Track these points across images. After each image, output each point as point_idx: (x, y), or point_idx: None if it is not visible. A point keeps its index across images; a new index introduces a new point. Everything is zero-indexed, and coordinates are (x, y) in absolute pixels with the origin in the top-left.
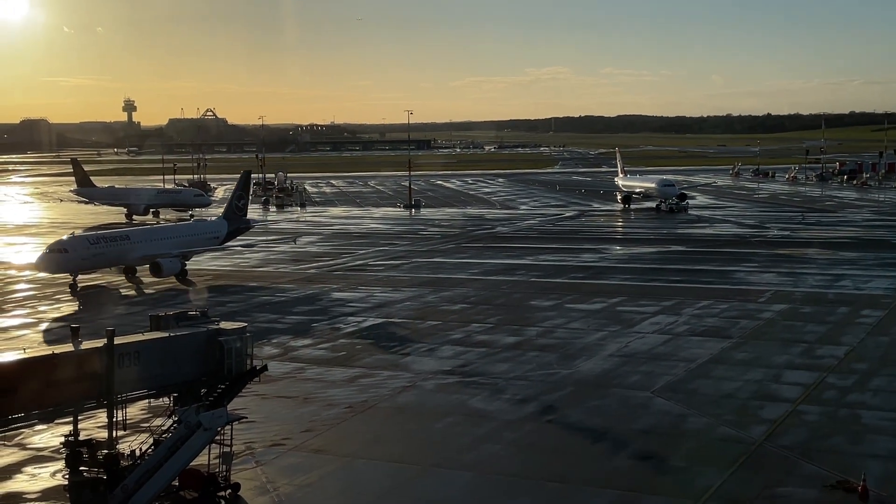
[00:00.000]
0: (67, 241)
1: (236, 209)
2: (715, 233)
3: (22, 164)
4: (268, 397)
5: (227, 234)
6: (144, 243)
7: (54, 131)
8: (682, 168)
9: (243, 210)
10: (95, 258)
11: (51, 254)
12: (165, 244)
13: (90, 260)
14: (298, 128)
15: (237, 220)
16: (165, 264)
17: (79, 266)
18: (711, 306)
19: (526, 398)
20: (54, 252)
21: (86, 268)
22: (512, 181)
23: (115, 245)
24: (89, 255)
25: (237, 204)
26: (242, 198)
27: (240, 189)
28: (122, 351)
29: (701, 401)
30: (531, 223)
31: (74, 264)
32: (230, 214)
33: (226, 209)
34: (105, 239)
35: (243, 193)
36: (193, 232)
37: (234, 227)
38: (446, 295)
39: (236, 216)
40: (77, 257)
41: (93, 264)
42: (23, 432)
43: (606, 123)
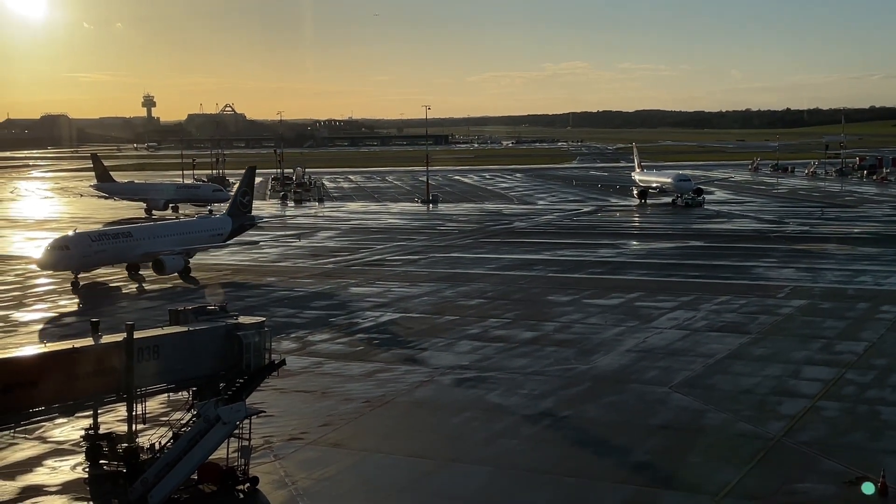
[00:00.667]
0: (69, 238)
1: (241, 206)
2: (734, 228)
3: (42, 160)
4: (286, 391)
5: (231, 231)
6: (147, 240)
7: (74, 127)
8: (700, 163)
9: (248, 206)
10: (98, 255)
11: (53, 251)
12: (169, 241)
13: (92, 257)
14: (316, 123)
15: (242, 217)
16: (168, 262)
17: (81, 263)
18: (730, 302)
19: (543, 393)
20: (56, 249)
21: (88, 265)
22: (529, 176)
23: (118, 242)
24: (91, 252)
25: (241, 200)
26: (247, 194)
27: (244, 185)
28: (142, 345)
29: (719, 396)
30: (549, 218)
31: (77, 261)
32: (235, 211)
33: (230, 206)
34: (107, 236)
35: (248, 190)
36: (197, 229)
37: (238, 223)
38: (464, 290)
39: (241, 213)
40: (79, 254)
41: (95, 262)
42: (43, 426)
43: (624, 118)
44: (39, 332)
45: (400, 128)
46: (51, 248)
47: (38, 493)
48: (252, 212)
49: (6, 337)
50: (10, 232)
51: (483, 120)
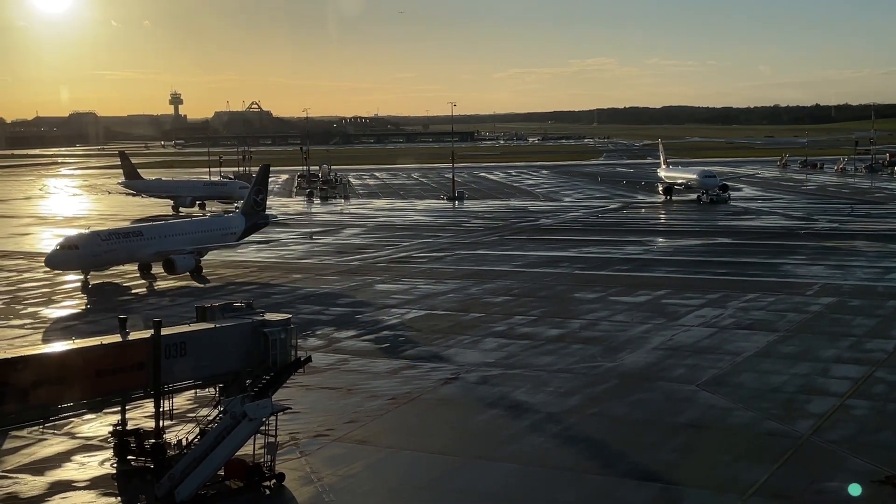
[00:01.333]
0: (79, 237)
1: (255, 204)
2: (762, 225)
3: (71, 157)
4: (312, 388)
5: (245, 230)
6: (158, 239)
7: (102, 124)
8: (728, 159)
9: (262, 205)
10: (108, 255)
11: (62, 250)
12: (180, 240)
13: (102, 257)
14: (342, 120)
15: (255, 216)
16: (179, 261)
17: (91, 263)
18: (758, 299)
19: (569, 391)
20: (65, 249)
21: (98, 265)
22: (556, 173)
23: (128, 241)
24: (101, 251)
25: (255, 199)
26: (261, 192)
27: (258, 184)
28: (169, 342)
29: (747, 395)
30: (575, 215)
31: (86, 261)
32: (248, 210)
33: (244, 204)
34: (117, 235)
35: (262, 188)
36: (210, 228)
37: (252, 222)
38: (489, 287)
39: (255, 211)
40: (89, 254)
41: (105, 261)
42: (72, 421)
43: (651, 115)
44: (68, 328)
45: (426, 125)
46: (60, 248)
47: (67, 488)
48: (266, 210)
49: (35, 333)
50: (39, 229)
51: (509, 116)
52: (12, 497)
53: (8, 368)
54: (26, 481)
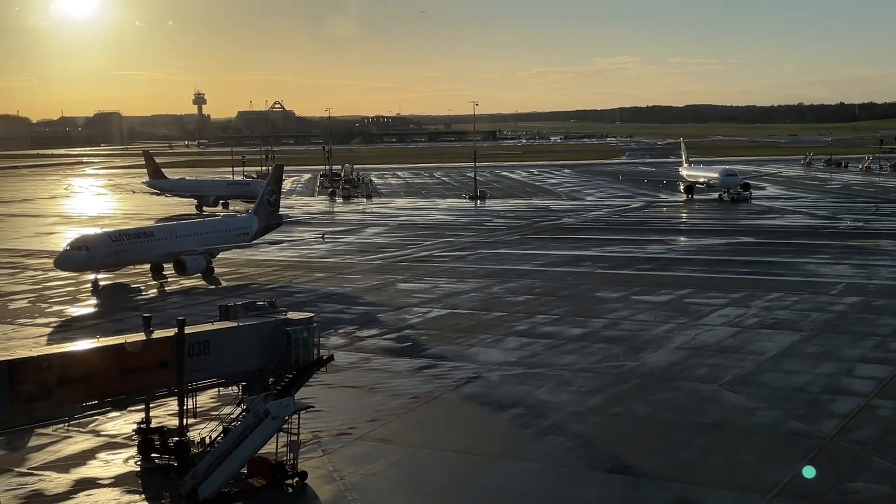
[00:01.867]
0: (88, 238)
1: (268, 204)
2: (786, 224)
3: (95, 157)
4: (334, 387)
5: (257, 231)
6: (169, 240)
7: (126, 124)
8: (752, 158)
9: (275, 205)
10: (118, 256)
11: (71, 251)
12: (191, 241)
13: (112, 258)
14: (365, 119)
15: (269, 216)
16: (190, 262)
17: (100, 264)
18: (781, 299)
19: (591, 390)
20: (74, 250)
21: (108, 266)
22: (578, 172)
23: (139, 242)
24: (111, 252)
25: (269, 199)
26: (274, 192)
27: (272, 184)
28: (193, 340)
29: (770, 394)
30: (597, 214)
31: (96, 262)
32: (261, 210)
33: (257, 204)
34: (128, 236)
35: (275, 188)
36: (222, 228)
37: (265, 222)
38: (511, 286)
39: (268, 212)
40: (98, 255)
41: (115, 262)
42: (96, 419)
43: (674, 113)
44: (92, 327)
45: (448, 124)
46: (70, 249)
47: (92, 485)
48: (279, 210)
49: (60, 332)
50: (65, 228)
51: (531, 115)
52: (38, 494)
53: (34, 367)
54: (51, 478)
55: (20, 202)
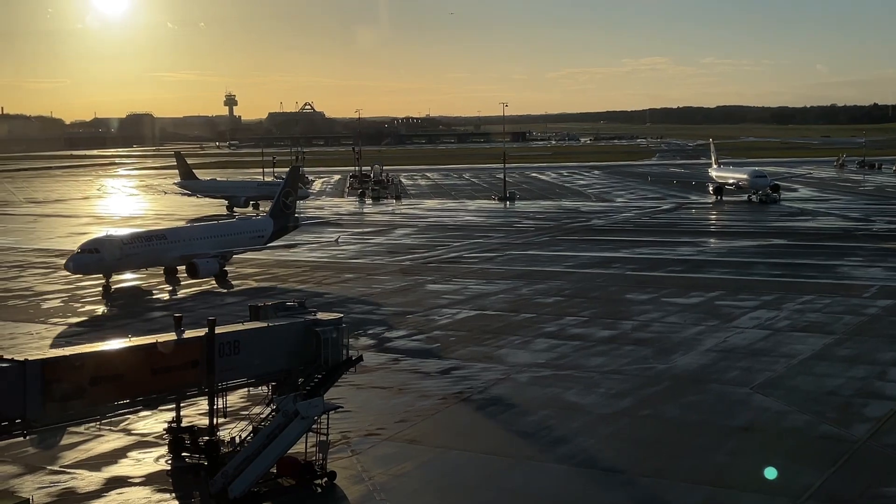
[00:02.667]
0: (99, 240)
1: (284, 207)
2: (818, 226)
3: (128, 158)
4: (363, 387)
5: (272, 233)
6: (181, 243)
7: (158, 125)
8: (784, 160)
9: (291, 207)
10: (129, 259)
11: (81, 254)
12: (204, 244)
13: (123, 261)
14: (394, 120)
15: (284, 219)
16: (202, 265)
17: (111, 267)
18: (814, 301)
19: (621, 392)
20: (85, 253)
21: (119, 269)
22: (608, 173)
23: (150, 245)
24: (122, 255)
25: (284, 201)
26: (290, 195)
27: (287, 185)
28: (223, 340)
29: (802, 398)
30: (627, 216)
31: (106, 265)
32: (277, 212)
33: (272, 207)
34: (139, 239)
35: (291, 190)
36: (236, 231)
37: (280, 225)
38: (540, 288)
39: (284, 214)
40: (109, 258)
41: (126, 265)
42: (128, 418)
43: (705, 114)
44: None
45: (477, 125)
46: (80, 252)
47: (123, 484)
48: (296, 213)
49: (92, 331)
50: (97, 228)
51: (561, 116)
52: (70, 492)
53: (66, 366)
54: (83, 476)
55: (53, 202)
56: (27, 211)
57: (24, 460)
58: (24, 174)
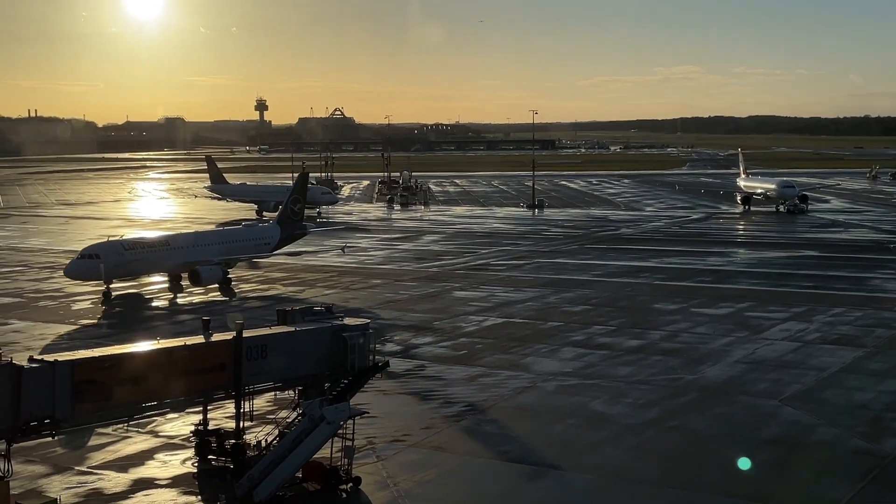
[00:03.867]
0: (100, 246)
1: (291, 214)
2: (850, 238)
3: (160, 161)
4: (389, 393)
5: (279, 241)
6: (185, 249)
7: (189, 129)
8: (816, 170)
9: (299, 215)
10: (130, 265)
11: (81, 260)
12: (208, 251)
13: (124, 267)
14: (424, 127)
15: (292, 226)
16: (205, 272)
17: (112, 273)
18: (845, 314)
19: (648, 403)
20: (85, 258)
21: (120, 275)
22: (637, 182)
23: (153, 251)
24: (123, 261)
25: (292, 208)
26: (298, 202)
27: (295, 192)
28: (250, 343)
29: (832, 411)
30: (656, 225)
31: (107, 271)
32: (284, 219)
33: (279, 214)
34: (141, 245)
35: (299, 197)
36: (241, 238)
37: (287, 232)
38: (568, 296)
39: (291, 221)
40: (110, 264)
41: (127, 271)
42: (155, 420)
43: (737, 124)
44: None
45: (507, 132)
46: (80, 257)
47: (150, 485)
48: (304, 220)
49: (121, 333)
50: (128, 231)
51: (591, 125)
52: (97, 492)
53: (95, 367)
54: (110, 477)
55: (85, 205)
56: (59, 213)
57: (53, 460)
58: (57, 176)
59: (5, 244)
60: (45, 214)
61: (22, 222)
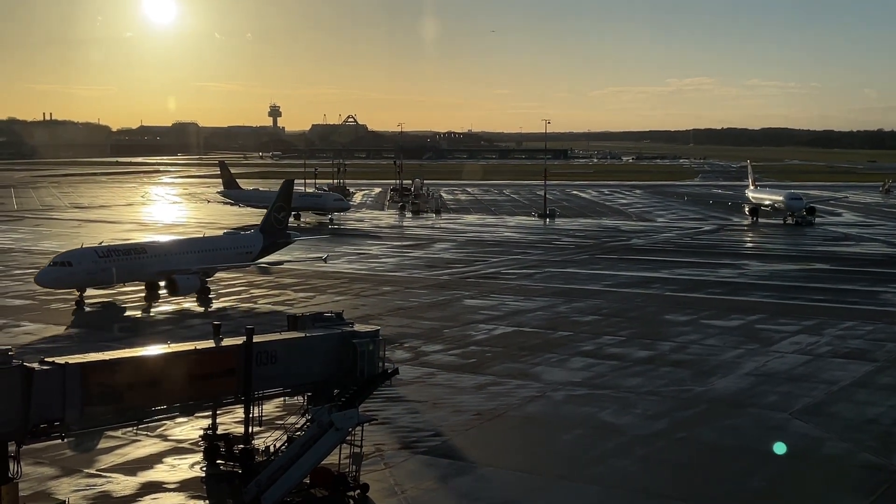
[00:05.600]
0: (72, 253)
1: (275, 222)
2: (862, 251)
3: (172, 166)
4: (398, 401)
5: (262, 249)
6: (161, 257)
7: (203, 135)
8: (828, 184)
9: (283, 223)
10: (104, 273)
11: (53, 267)
12: (186, 259)
13: (98, 275)
14: (436, 135)
15: (275, 234)
16: (181, 281)
17: (84, 281)
18: (856, 327)
19: (657, 414)
20: (57, 266)
21: (93, 283)
22: (649, 193)
23: (128, 259)
24: (97, 269)
25: (276, 216)
26: (283, 209)
27: (279, 200)
28: (260, 349)
29: (841, 425)
30: (668, 236)
31: (79, 279)
32: (268, 227)
33: (263, 222)
34: (116, 252)
35: (284, 205)
36: (221, 246)
37: (270, 241)
38: (578, 306)
39: (275, 229)
40: (82, 271)
41: (101, 279)
42: (164, 424)
43: (750, 136)
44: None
45: (519, 141)
46: (52, 265)
47: (158, 489)
48: (288, 228)
49: (131, 336)
50: (140, 235)
51: (603, 135)
52: (105, 495)
53: (105, 370)
54: (119, 481)
55: (98, 208)
56: (72, 216)
57: (62, 463)
58: (70, 179)
59: (18, 246)
60: (59, 217)
61: (35, 225)
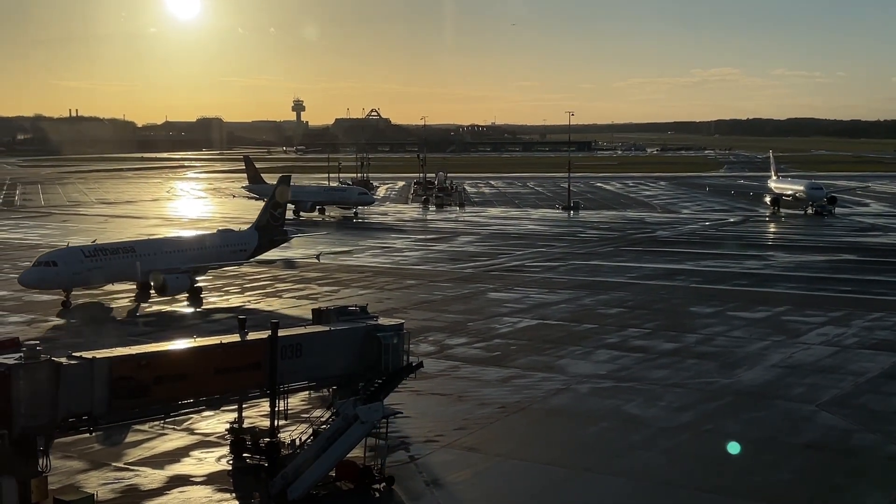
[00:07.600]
0: (58, 253)
1: (271, 219)
2: (890, 242)
3: (197, 161)
4: (423, 394)
5: (257, 247)
6: (151, 256)
7: (227, 129)
8: (856, 174)
9: (279, 220)
10: (91, 273)
11: (38, 267)
12: (176, 258)
13: (84, 275)
14: (459, 128)
15: (271, 232)
16: (170, 281)
17: (70, 281)
18: (884, 318)
19: (683, 406)
20: (42, 265)
21: (79, 283)
22: (674, 184)
23: (116, 258)
24: (83, 269)
25: (272, 213)
26: (279, 206)
27: (276, 197)
28: (286, 343)
29: (870, 417)
30: (693, 227)
31: (65, 279)
32: (264, 224)
33: (258, 219)
34: (103, 251)
35: (279, 201)
36: (213, 244)
37: (266, 238)
38: (603, 298)
39: (271, 227)
40: (68, 271)
41: (87, 279)
42: (191, 418)
43: (775, 126)
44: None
45: (543, 134)
46: (37, 264)
47: (185, 482)
48: (285, 226)
49: (157, 331)
50: (165, 230)
51: (627, 126)
52: (133, 489)
53: (132, 364)
54: (146, 474)
55: (124, 204)
56: (98, 211)
57: (90, 456)
58: (97, 175)
59: (46, 242)
60: (85, 213)
61: (62, 220)
